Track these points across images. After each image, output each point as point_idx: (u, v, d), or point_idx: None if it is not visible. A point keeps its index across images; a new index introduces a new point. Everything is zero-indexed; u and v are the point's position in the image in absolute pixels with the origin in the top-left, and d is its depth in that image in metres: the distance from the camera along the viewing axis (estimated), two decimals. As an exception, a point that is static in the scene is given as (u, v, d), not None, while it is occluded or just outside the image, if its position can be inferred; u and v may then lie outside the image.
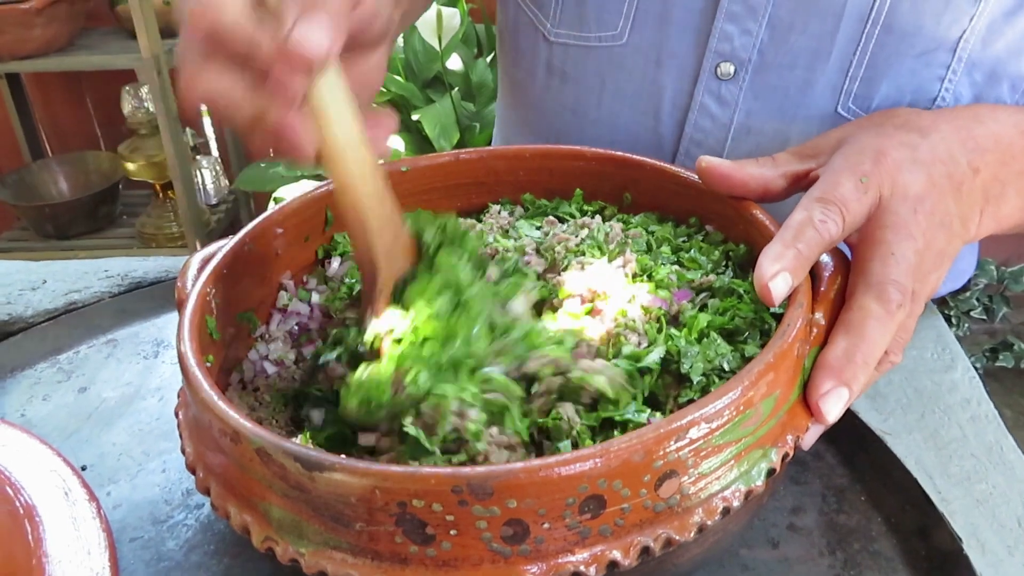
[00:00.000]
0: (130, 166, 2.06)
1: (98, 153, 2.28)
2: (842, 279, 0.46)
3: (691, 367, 0.43)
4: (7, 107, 2.18)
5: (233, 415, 0.38)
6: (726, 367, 0.43)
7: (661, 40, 0.66)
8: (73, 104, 2.33)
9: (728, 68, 0.65)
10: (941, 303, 1.93)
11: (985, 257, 1.95)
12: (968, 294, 1.94)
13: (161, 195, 2.16)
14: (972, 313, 1.96)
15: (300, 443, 0.37)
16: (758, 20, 0.63)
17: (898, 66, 0.61)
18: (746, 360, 0.43)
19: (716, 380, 0.43)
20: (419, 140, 1.82)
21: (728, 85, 0.65)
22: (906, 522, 0.49)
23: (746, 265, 0.51)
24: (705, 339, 0.44)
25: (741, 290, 0.47)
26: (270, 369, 0.50)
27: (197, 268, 0.51)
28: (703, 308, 0.47)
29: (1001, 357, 2.00)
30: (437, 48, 1.71)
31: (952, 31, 0.59)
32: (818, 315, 0.44)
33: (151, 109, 1.99)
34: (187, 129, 2.12)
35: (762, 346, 0.44)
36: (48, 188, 2.21)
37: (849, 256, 0.47)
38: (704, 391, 0.42)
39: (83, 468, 0.57)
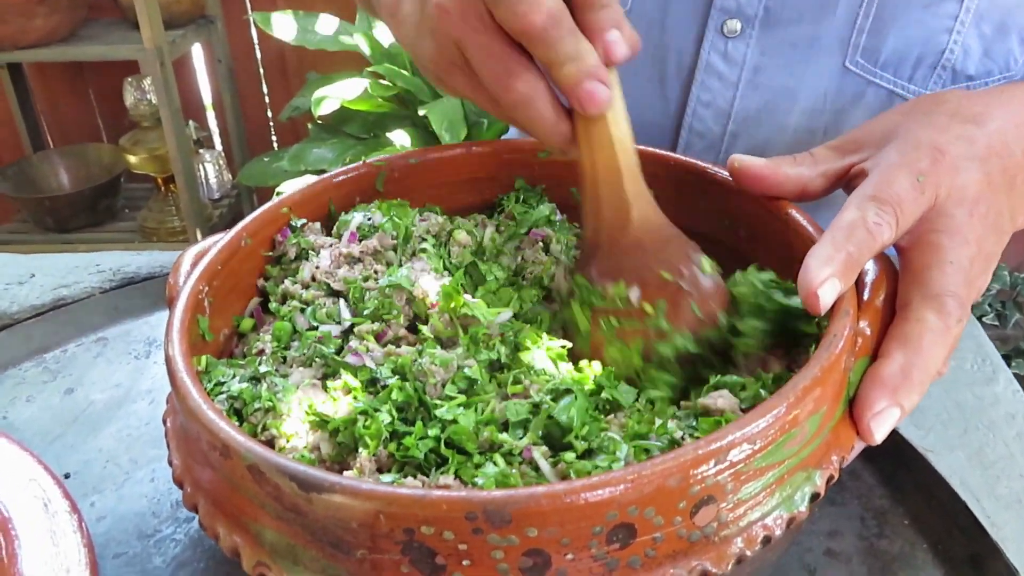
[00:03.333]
0: (132, 159, 2.04)
1: (100, 145, 2.26)
2: (888, 285, 0.42)
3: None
4: (8, 98, 2.16)
5: (224, 426, 0.35)
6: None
7: (665, 3, 0.66)
8: (75, 95, 2.30)
9: (735, 25, 0.64)
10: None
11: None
12: (981, 299, 1.91)
13: (163, 189, 2.13)
14: (984, 319, 1.95)
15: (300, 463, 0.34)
16: None
17: (905, 17, 0.61)
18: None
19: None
20: (425, 135, 1.79)
21: (735, 42, 0.65)
22: (955, 550, 0.46)
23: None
24: None
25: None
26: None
27: (190, 264, 0.48)
28: None
29: (1013, 364, 1.97)
30: (446, 42, 1.67)
31: None
32: (863, 324, 0.40)
33: (154, 101, 1.96)
34: (190, 122, 2.09)
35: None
36: (48, 180, 2.19)
37: (892, 258, 0.44)
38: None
39: (66, 476, 0.53)
